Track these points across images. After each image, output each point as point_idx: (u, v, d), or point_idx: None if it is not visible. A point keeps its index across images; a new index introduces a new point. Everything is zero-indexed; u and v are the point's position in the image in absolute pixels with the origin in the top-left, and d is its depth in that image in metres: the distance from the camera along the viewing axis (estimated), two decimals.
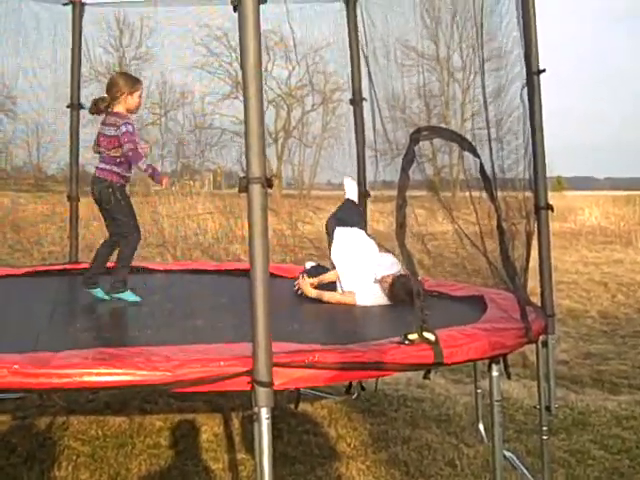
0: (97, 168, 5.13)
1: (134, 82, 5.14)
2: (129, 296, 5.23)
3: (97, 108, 5.15)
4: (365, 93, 6.99)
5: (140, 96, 5.15)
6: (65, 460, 4.89)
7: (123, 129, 4.95)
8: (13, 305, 5.19)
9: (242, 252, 13.79)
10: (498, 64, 5.15)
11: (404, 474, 4.76)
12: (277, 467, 3.26)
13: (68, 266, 6.92)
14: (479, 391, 5.59)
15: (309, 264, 6.41)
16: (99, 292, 5.29)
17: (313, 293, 5.51)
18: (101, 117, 5.25)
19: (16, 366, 3.09)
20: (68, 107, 7.26)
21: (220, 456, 5.05)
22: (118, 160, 5.00)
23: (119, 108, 5.05)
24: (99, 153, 5.20)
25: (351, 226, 5.84)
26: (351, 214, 6.17)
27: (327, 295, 5.44)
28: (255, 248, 3.09)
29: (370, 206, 7.19)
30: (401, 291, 5.06)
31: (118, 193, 5.05)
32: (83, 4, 7.26)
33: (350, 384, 5.71)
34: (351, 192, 6.40)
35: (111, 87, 5.11)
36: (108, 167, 5.02)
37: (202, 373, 3.18)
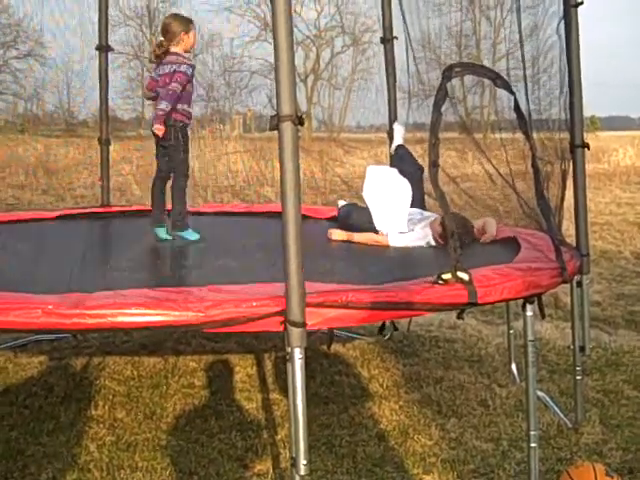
0: (157, 108, 5.15)
1: (187, 22, 5.20)
2: (190, 234, 5.27)
3: (157, 54, 5.18)
4: (396, 32, 6.85)
5: (194, 35, 5.18)
6: (101, 400, 4.97)
7: (182, 68, 5.00)
8: (47, 248, 5.22)
9: (273, 195, 13.79)
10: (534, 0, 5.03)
11: (436, 413, 4.78)
12: (310, 407, 3.27)
13: (100, 209, 6.94)
14: (511, 332, 5.57)
15: (341, 202, 6.39)
16: (163, 232, 5.34)
17: (344, 236, 5.46)
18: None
19: (50, 306, 3.11)
20: (97, 49, 7.20)
21: (253, 396, 5.09)
22: (180, 95, 5.01)
23: (175, 49, 5.07)
24: (152, 98, 5.21)
25: (410, 178, 5.73)
26: (408, 164, 6.06)
27: (357, 236, 5.40)
28: (287, 186, 3.05)
29: None
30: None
31: (180, 134, 5.07)
32: None
33: (383, 325, 5.71)
34: (400, 138, 6.33)
35: (166, 31, 5.15)
36: (170, 105, 5.01)
37: (235, 313, 3.17)
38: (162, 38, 5.25)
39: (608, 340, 6.26)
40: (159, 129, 5.10)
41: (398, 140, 6.31)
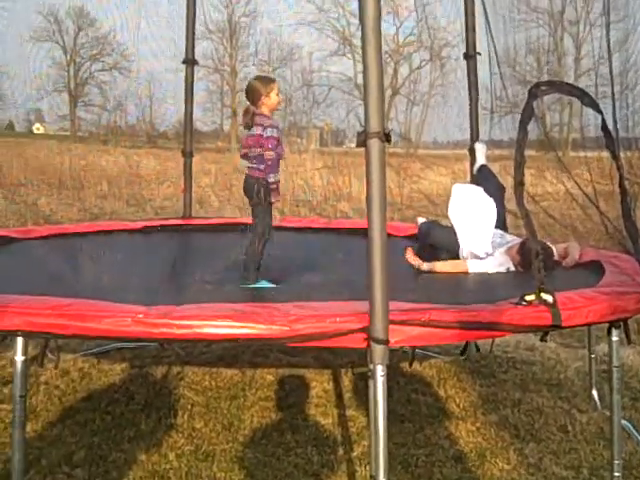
0: (247, 167, 5.20)
1: (268, 82, 5.21)
2: (261, 283, 5.26)
3: (247, 120, 5.23)
4: (478, 47, 6.79)
5: (277, 94, 5.21)
6: (181, 409, 5.04)
7: (268, 133, 5.02)
8: (134, 258, 5.34)
9: (349, 210, 13.83)
10: (620, 14, 4.95)
11: (514, 437, 4.71)
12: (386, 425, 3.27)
13: (183, 221, 7.06)
14: (593, 356, 5.45)
15: (420, 220, 6.34)
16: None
17: (425, 267, 5.38)
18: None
19: (140, 315, 3.19)
20: (183, 63, 7.35)
21: (330, 411, 5.09)
22: (262, 158, 5.05)
23: (262, 110, 5.11)
24: (246, 157, 5.25)
25: (493, 198, 5.66)
26: (491, 183, 5.98)
27: (439, 266, 5.32)
28: (373, 204, 3.07)
29: None
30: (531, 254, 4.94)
31: (262, 189, 5.10)
32: None
33: (466, 345, 5.65)
34: (482, 157, 6.27)
35: (250, 93, 5.20)
36: (255, 165, 5.06)
37: (318, 328, 3.20)
38: (248, 102, 5.28)
39: None
40: (277, 199, 5.14)
41: (481, 159, 6.23)
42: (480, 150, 6.31)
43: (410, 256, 5.36)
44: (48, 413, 4.92)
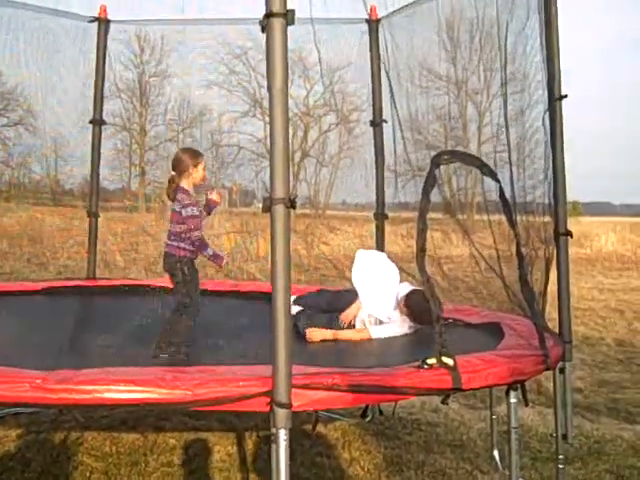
0: (166, 243, 5.14)
1: (197, 156, 5.18)
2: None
3: (168, 193, 5.19)
4: (385, 114, 7.01)
5: (204, 168, 5.18)
6: (79, 476, 4.89)
7: (188, 212, 4.97)
8: (33, 321, 5.21)
9: (257, 271, 13.81)
10: (518, 87, 5.17)
11: None
12: None
13: (86, 282, 6.94)
14: (494, 417, 5.56)
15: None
16: None
17: (327, 335, 5.37)
18: None
19: (38, 381, 3.11)
20: (91, 122, 7.32)
21: (233, 476, 5.03)
22: (183, 236, 5.00)
23: (184, 183, 5.07)
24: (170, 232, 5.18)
25: None
26: None
27: (339, 334, 5.33)
28: (277, 268, 3.10)
29: (387, 228, 7.20)
30: (418, 306, 5.04)
31: (186, 267, 5.04)
32: (109, 21, 7.33)
33: (366, 408, 5.68)
34: None
35: (176, 164, 5.16)
36: (175, 243, 5.01)
37: (222, 393, 3.18)
38: (173, 172, 5.24)
39: (590, 428, 6.25)
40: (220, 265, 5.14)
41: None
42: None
43: (313, 334, 5.33)
44: None
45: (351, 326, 5.44)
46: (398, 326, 5.28)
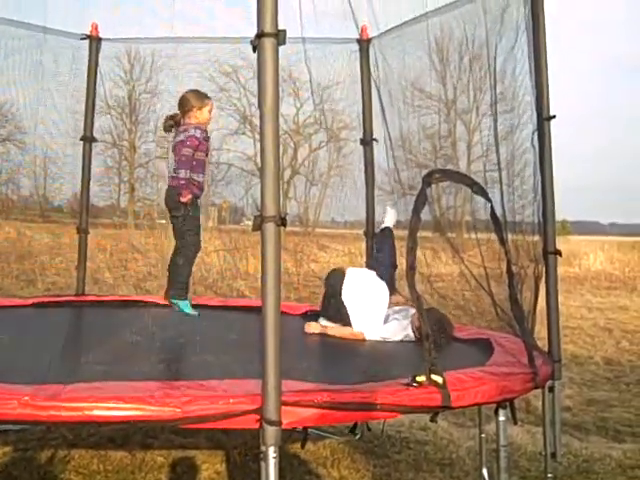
0: (170, 177, 5.11)
1: (203, 97, 5.20)
2: (185, 307, 5.18)
3: (170, 123, 5.17)
4: (375, 133, 7.05)
5: (210, 111, 5.17)
6: None
7: (191, 132, 4.97)
8: (21, 336, 5.19)
9: (246, 288, 13.79)
10: (507, 107, 5.21)
11: None
12: None
13: (75, 298, 6.92)
14: (483, 435, 5.55)
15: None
16: (187, 306, 5.26)
17: (318, 328, 5.55)
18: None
19: (26, 398, 3.09)
20: (82, 139, 7.32)
21: None
22: (192, 163, 4.98)
23: (191, 121, 5.07)
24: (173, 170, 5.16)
25: (385, 269, 5.88)
26: (385, 254, 6.24)
27: (333, 330, 5.50)
28: (267, 286, 3.10)
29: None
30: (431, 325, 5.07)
31: (190, 202, 5.03)
32: (100, 39, 7.35)
33: (355, 424, 5.68)
34: (390, 221, 6.48)
35: (182, 103, 5.18)
36: (181, 173, 4.99)
37: (211, 410, 3.18)
38: (178, 111, 5.24)
39: (579, 447, 6.25)
40: (187, 198, 5.05)
41: (388, 222, 6.40)
42: (390, 214, 6.46)
43: (311, 327, 5.48)
44: None
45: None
46: (395, 332, 5.34)
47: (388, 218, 6.45)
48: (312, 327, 5.61)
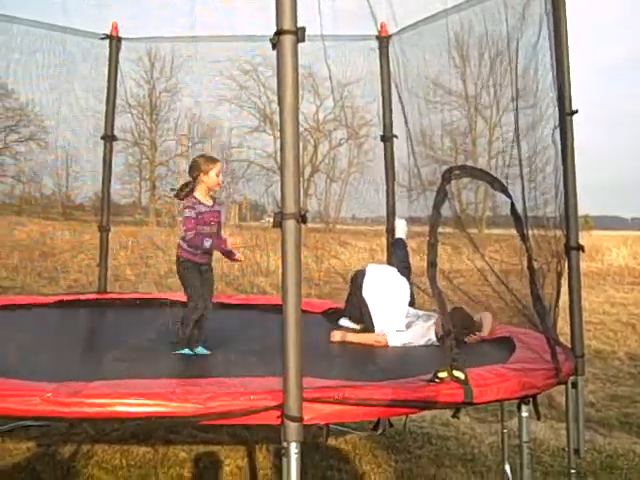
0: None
1: (211, 161, 5.26)
2: (186, 352, 5.24)
3: (185, 192, 5.26)
4: (395, 129, 7.05)
5: (218, 174, 5.23)
6: None
7: (185, 213, 5.09)
8: (45, 334, 5.23)
9: (267, 285, 13.82)
10: (529, 102, 5.18)
11: None
12: None
13: (97, 296, 6.96)
14: (505, 431, 5.53)
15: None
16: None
17: (344, 337, 5.49)
18: None
19: (49, 394, 3.12)
20: (102, 138, 7.37)
21: None
22: (184, 238, 5.11)
23: (199, 189, 5.17)
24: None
25: (398, 265, 5.93)
26: (397, 258, 6.36)
27: (356, 337, 5.45)
28: (288, 283, 3.11)
29: None
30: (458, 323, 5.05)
31: (182, 268, 5.14)
32: (120, 38, 7.38)
33: (378, 421, 5.68)
34: (401, 232, 6.62)
35: (191, 169, 5.25)
36: (180, 243, 5.14)
37: (233, 406, 3.19)
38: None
39: (603, 442, 6.21)
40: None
41: (399, 233, 6.50)
42: (399, 226, 6.56)
43: (335, 335, 5.46)
44: None
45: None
46: (418, 336, 5.31)
47: (399, 230, 6.54)
48: (337, 336, 5.52)
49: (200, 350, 4.87)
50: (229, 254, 5.31)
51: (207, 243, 5.06)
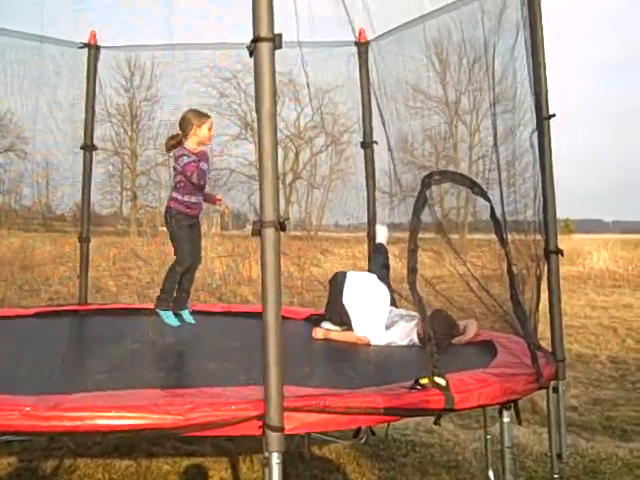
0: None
1: (202, 115, 5.34)
2: (167, 317, 5.25)
3: (171, 144, 5.32)
4: (375, 135, 7.06)
5: (209, 129, 5.31)
6: None
7: (184, 160, 5.12)
8: (24, 346, 5.19)
9: (250, 294, 13.77)
10: (509, 107, 5.20)
11: None
12: None
13: (77, 307, 6.91)
14: (488, 437, 5.52)
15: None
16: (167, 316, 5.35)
17: (326, 334, 5.58)
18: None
19: (28, 408, 3.08)
20: (82, 148, 7.34)
21: None
22: (178, 185, 5.13)
23: (189, 141, 5.21)
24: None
25: (377, 270, 5.96)
26: (376, 263, 6.40)
27: (337, 335, 5.51)
28: (268, 292, 3.10)
29: None
30: (439, 326, 5.06)
31: (173, 220, 5.17)
32: (99, 47, 7.36)
33: (359, 429, 5.67)
34: (381, 238, 6.65)
35: (182, 123, 5.32)
36: (172, 195, 5.17)
37: (213, 417, 3.16)
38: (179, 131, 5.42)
39: (586, 446, 6.22)
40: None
41: (380, 240, 6.55)
42: (380, 232, 6.60)
43: (317, 333, 5.57)
44: None
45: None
46: (399, 336, 5.34)
47: (379, 236, 6.58)
48: (319, 333, 5.64)
49: (187, 316, 4.86)
50: (212, 198, 5.55)
51: (204, 177, 5.10)
